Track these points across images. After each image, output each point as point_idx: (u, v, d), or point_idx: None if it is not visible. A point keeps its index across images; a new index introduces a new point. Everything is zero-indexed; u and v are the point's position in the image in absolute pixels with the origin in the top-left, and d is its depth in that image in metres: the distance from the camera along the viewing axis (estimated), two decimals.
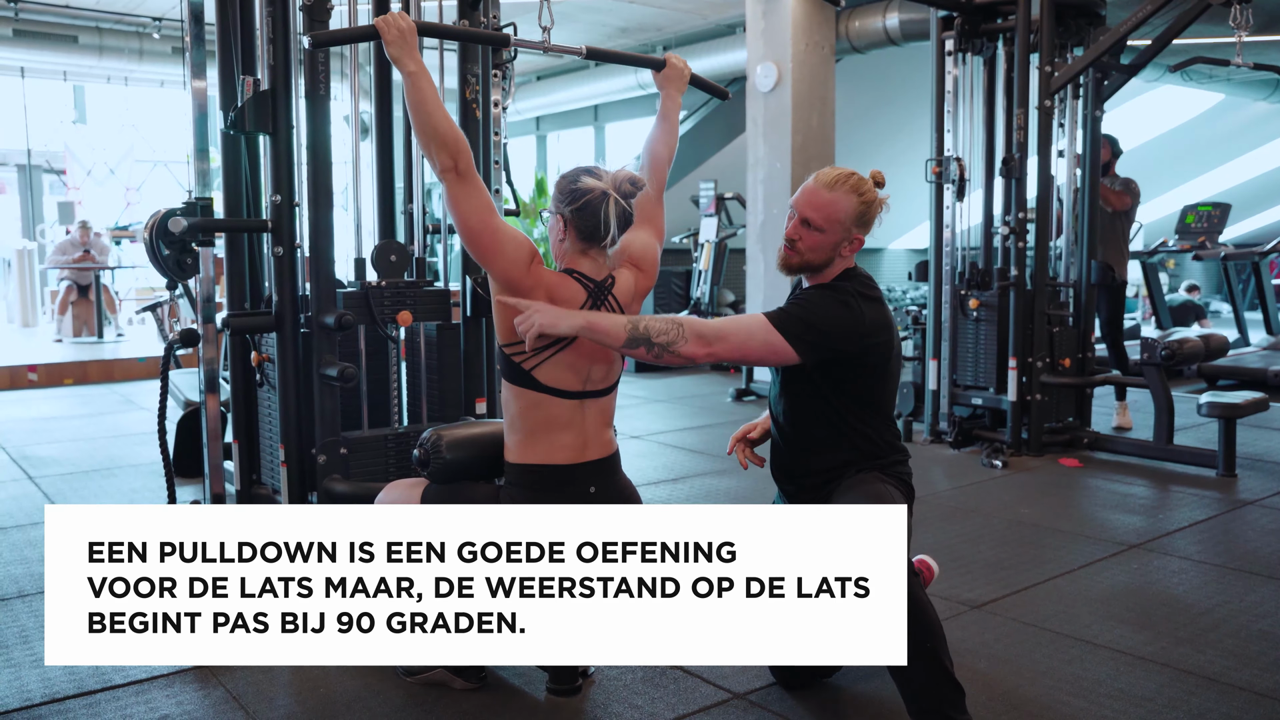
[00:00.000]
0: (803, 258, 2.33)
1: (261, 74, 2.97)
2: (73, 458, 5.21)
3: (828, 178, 2.32)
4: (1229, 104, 12.45)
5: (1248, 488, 4.45)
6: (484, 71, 3.26)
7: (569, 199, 2.21)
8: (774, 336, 2.21)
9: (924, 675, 2.09)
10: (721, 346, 2.22)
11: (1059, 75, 5.01)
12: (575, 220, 2.21)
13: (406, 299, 3.11)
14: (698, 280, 9.26)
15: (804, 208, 2.32)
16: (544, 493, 2.23)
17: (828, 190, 2.31)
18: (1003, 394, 5.18)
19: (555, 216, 2.25)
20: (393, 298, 3.10)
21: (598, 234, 2.21)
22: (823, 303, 2.28)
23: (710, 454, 5.24)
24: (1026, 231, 5.17)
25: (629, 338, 2.15)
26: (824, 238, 2.30)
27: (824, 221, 2.29)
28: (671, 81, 2.66)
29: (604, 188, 2.18)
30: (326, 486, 2.90)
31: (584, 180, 2.20)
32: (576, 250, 2.26)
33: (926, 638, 2.07)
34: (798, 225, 2.33)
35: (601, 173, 2.22)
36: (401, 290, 3.11)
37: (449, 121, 2.15)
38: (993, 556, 3.51)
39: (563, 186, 2.24)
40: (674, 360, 2.17)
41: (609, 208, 2.18)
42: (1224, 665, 2.62)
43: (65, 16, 10.23)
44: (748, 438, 2.60)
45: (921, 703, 2.12)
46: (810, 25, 7.69)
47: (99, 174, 12.88)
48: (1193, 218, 8.16)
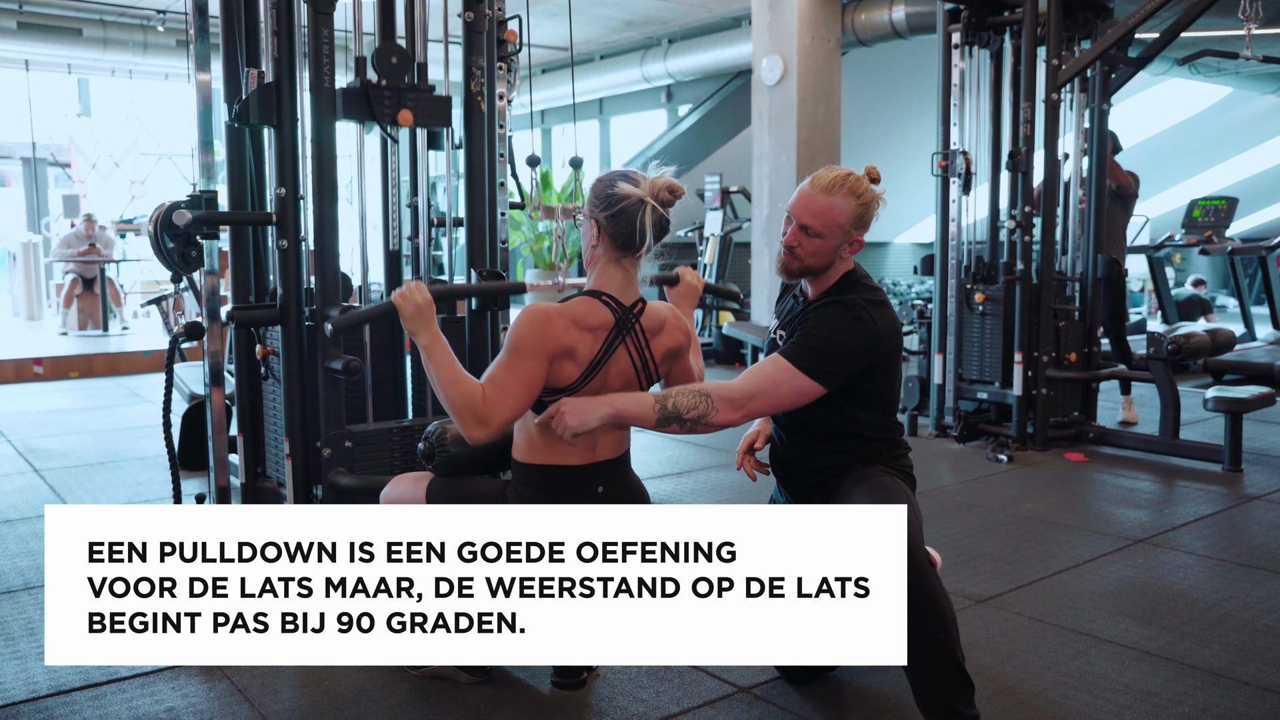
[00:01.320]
0: (803, 264, 2.31)
1: (266, 66, 2.97)
2: (78, 451, 5.23)
3: (824, 181, 2.28)
4: (1237, 97, 12.41)
5: (1254, 483, 4.44)
6: (489, 65, 3.25)
7: (604, 204, 2.14)
8: (799, 380, 2.18)
9: (935, 667, 2.08)
10: (753, 406, 2.18)
11: (1066, 68, 4.99)
12: (609, 227, 2.15)
13: (407, 99, 3.00)
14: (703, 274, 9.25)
15: (802, 214, 2.29)
16: (552, 492, 2.22)
17: (825, 195, 2.27)
18: (1008, 388, 5.17)
19: (589, 221, 2.19)
20: (394, 97, 2.99)
21: (633, 243, 2.15)
22: (836, 325, 2.24)
23: (715, 448, 5.24)
24: (1032, 225, 5.16)
25: (659, 418, 2.12)
26: (824, 243, 2.28)
27: (823, 227, 2.27)
28: (685, 298, 2.66)
29: (641, 195, 2.11)
30: (331, 480, 2.90)
31: (621, 186, 2.13)
32: (609, 258, 2.19)
33: (939, 628, 2.06)
34: (796, 232, 2.29)
35: (639, 178, 2.15)
36: (402, 91, 3.00)
37: (466, 390, 2.08)
38: (998, 551, 3.51)
39: (598, 191, 2.17)
40: (709, 430, 2.15)
41: (645, 216, 2.11)
42: (1229, 660, 2.62)
43: (69, 9, 10.23)
44: (753, 447, 2.59)
45: (930, 694, 2.11)
46: (816, 18, 7.66)
47: (104, 167, 12.90)
48: (1199, 212, 8.12)
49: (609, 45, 12.38)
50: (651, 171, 2.17)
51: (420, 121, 3.04)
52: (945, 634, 2.07)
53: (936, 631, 2.06)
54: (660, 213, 2.14)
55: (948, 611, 2.09)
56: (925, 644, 2.05)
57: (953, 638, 2.08)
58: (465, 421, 2.08)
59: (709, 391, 2.14)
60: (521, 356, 2.09)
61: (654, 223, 2.13)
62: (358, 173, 3.23)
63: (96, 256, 9.99)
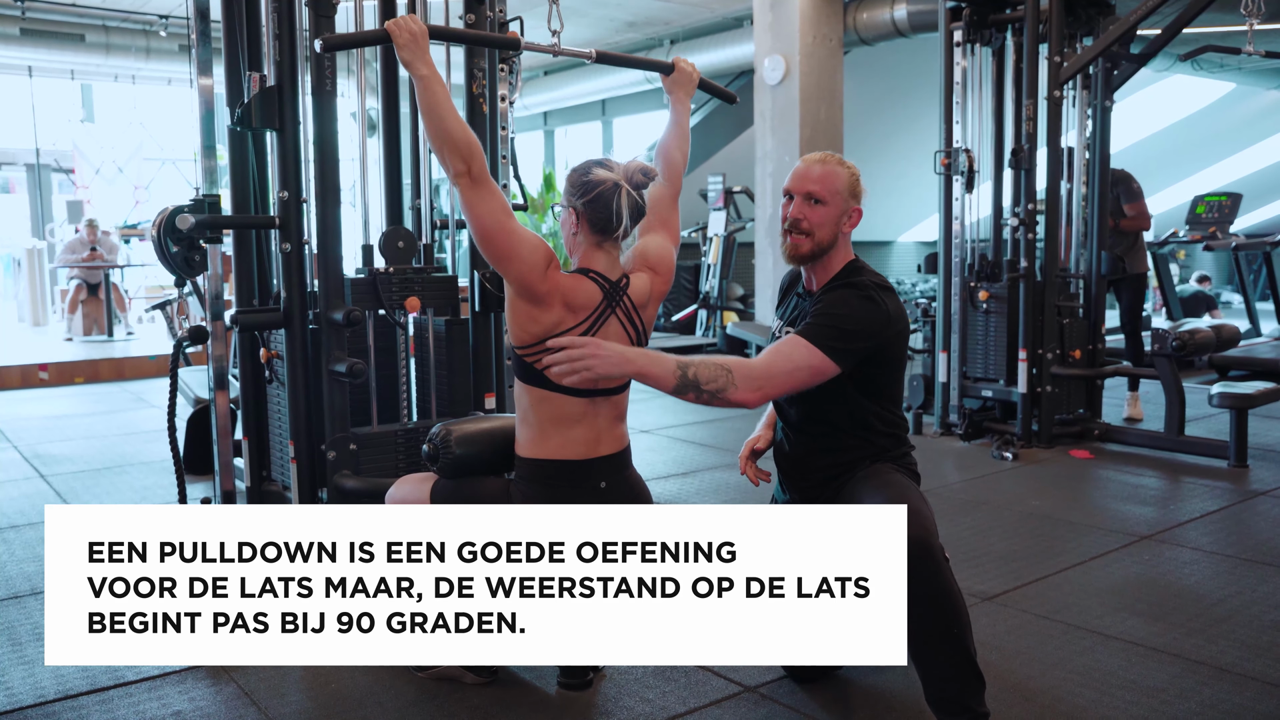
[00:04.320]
0: (813, 239, 2.31)
1: (268, 70, 2.97)
2: (84, 455, 5.24)
3: (814, 158, 2.36)
4: (1240, 93, 12.38)
5: (1259, 478, 4.43)
6: (491, 67, 3.26)
7: (580, 191, 2.20)
8: (816, 358, 2.17)
9: (948, 661, 2.07)
10: (772, 386, 2.18)
11: (1068, 65, 4.98)
12: (587, 213, 2.20)
13: (414, 286, 3.10)
14: (706, 274, 9.25)
15: (802, 184, 2.33)
16: (555, 487, 2.23)
17: (820, 166, 2.33)
18: (1013, 386, 5.16)
19: (567, 210, 2.24)
20: (400, 284, 3.08)
21: (610, 226, 2.20)
22: (848, 303, 2.25)
23: (719, 448, 5.24)
24: (1036, 223, 5.15)
25: (678, 384, 2.11)
26: (828, 210, 2.31)
27: (825, 192, 2.30)
28: (680, 85, 2.65)
29: (615, 179, 2.18)
30: (336, 482, 2.91)
31: (595, 172, 2.19)
32: (590, 244, 2.25)
33: (953, 623, 2.05)
34: (800, 204, 2.32)
35: (612, 164, 2.21)
36: (409, 277, 3.10)
37: (462, 126, 2.14)
38: (1003, 548, 3.50)
39: (573, 179, 2.23)
40: (725, 406, 2.14)
41: (621, 199, 2.17)
42: (1236, 656, 2.61)
43: (72, 15, 10.26)
44: (755, 450, 2.59)
45: (942, 690, 2.09)
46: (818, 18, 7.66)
47: (107, 172, 12.92)
48: (1204, 208, 8.10)
49: (611, 46, 12.39)
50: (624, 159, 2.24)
51: (429, 305, 3.15)
52: (959, 629, 2.06)
53: (950, 626, 2.05)
54: (634, 196, 2.19)
55: (961, 606, 2.07)
56: (938, 638, 2.04)
57: (966, 633, 2.07)
58: (450, 156, 2.13)
59: (731, 367, 2.13)
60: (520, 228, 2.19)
61: (629, 205, 2.19)
62: (360, 175, 3.24)
63: (101, 262, 10.01)
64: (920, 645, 2.06)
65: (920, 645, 2.06)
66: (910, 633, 2.03)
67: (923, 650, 2.07)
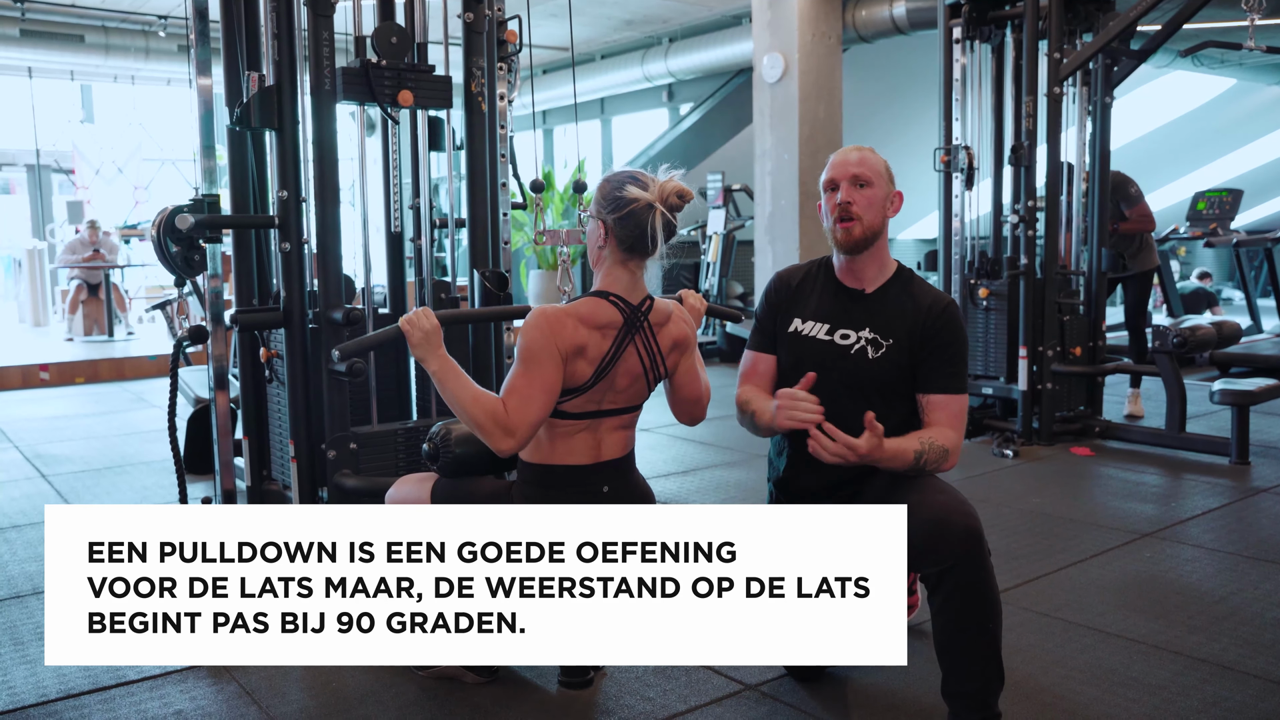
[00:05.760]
0: (864, 224, 2.29)
1: (267, 70, 2.97)
2: (85, 456, 5.24)
3: (848, 149, 2.38)
4: (1241, 89, 12.36)
5: (1261, 475, 4.43)
6: (489, 65, 3.25)
7: (612, 206, 2.13)
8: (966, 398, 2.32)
9: (979, 656, 2.05)
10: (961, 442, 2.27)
11: (1068, 61, 4.97)
12: (617, 229, 2.14)
13: (407, 79, 2.99)
14: (706, 272, 9.24)
15: (847, 169, 2.32)
16: (557, 492, 2.22)
17: (857, 152, 2.35)
18: (1013, 383, 5.16)
19: (596, 221, 2.18)
20: (394, 77, 2.97)
21: (640, 246, 2.13)
22: (961, 331, 2.32)
23: (720, 446, 5.24)
24: (1036, 220, 5.15)
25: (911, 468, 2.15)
26: (875, 192, 2.31)
27: (871, 174, 2.31)
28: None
29: (650, 199, 2.10)
30: (337, 482, 2.91)
31: (629, 189, 2.11)
32: (615, 260, 2.18)
33: (990, 618, 2.04)
34: (848, 188, 2.30)
35: (648, 180, 2.13)
36: (403, 71, 2.98)
37: (487, 406, 2.09)
38: (1004, 546, 3.50)
39: (606, 192, 2.16)
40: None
41: (655, 220, 2.10)
42: (1237, 653, 2.61)
43: (71, 16, 10.25)
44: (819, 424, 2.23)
45: (963, 684, 2.07)
46: (816, 15, 7.65)
47: (107, 173, 12.93)
48: (1204, 204, 8.10)
49: (609, 45, 12.38)
50: (661, 175, 2.15)
51: (421, 102, 3.01)
52: (995, 624, 2.05)
53: (987, 620, 2.04)
54: (668, 217, 2.13)
55: (1000, 604, 2.07)
56: (975, 631, 2.03)
57: (1000, 630, 2.07)
58: (492, 436, 2.09)
59: (950, 449, 2.20)
60: (537, 361, 2.10)
61: (663, 227, 2.12)
62: (359, 175, 3.24)
63: (101, 262, 10.02)
64: (953, 635, 2.05)
65: (953, 635, 2.05)
66: (944, 623, 2.04)
67: (955, 640, 2.05)
